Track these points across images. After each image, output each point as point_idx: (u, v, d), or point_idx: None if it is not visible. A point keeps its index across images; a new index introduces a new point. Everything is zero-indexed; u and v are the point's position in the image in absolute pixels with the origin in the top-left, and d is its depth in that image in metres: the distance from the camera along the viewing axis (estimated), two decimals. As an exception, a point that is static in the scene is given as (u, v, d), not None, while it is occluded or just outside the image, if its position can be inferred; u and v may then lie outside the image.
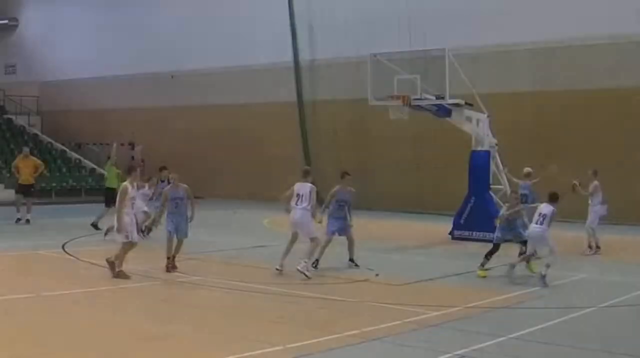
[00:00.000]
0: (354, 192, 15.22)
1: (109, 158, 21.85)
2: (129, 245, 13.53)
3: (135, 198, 14.37)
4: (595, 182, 18.05)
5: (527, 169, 18.25)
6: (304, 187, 13.94)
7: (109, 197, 20.22)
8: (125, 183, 13.65)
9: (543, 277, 13.18)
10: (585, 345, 9.41)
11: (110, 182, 20.66)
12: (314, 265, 14.27)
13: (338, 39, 31.18)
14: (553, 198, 13.84)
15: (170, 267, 14.13)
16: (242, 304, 11.58)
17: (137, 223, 15.15)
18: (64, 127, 40.25)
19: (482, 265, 14.23)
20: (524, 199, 17.58)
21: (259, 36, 32.99)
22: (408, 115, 20.79)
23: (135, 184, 14.20)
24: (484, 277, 14.00)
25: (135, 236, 13.70)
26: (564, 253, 14.72)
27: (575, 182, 17.87)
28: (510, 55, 27.03)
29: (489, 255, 14.22)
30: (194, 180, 39.59)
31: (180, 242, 14.32)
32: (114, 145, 21.68)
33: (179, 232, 14.39)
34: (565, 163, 25.51)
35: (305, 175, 14.26)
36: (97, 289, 12.60)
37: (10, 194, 25.02)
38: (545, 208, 13.80)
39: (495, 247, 14.33)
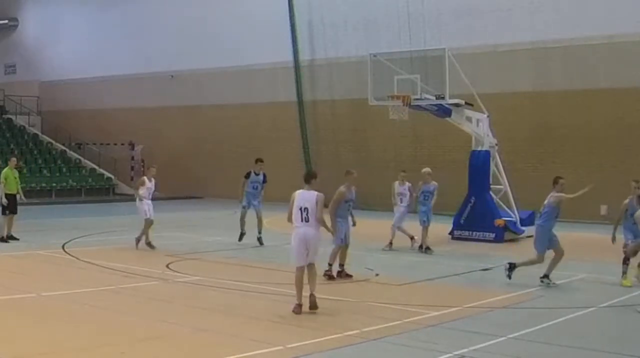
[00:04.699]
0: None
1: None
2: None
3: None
4: (408, 184, 18.17)
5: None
6: None
7: (9, 204, 18.70)
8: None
9: None
10: (585, 345, 9.40)
11: (11, 188, 18.84)
12: None
13: (338, 39, 31.20)
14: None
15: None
16: (241, 304, 11.58)
17: None
18: (64, 127, 40.26)
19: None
20: None
21: (259, 36, 32.99)
22: (408, 115, 20.79)
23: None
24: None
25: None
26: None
27: None
28: (510, 55, 27.03)
29: None
30: (194, 180, 39.90)
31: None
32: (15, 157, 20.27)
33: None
34: (565, 163, 25.62)
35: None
36: (97, 289, 12.60)
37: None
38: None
39: None
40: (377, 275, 14.19)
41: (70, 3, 41.86)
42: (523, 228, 20.60)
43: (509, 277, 13.43)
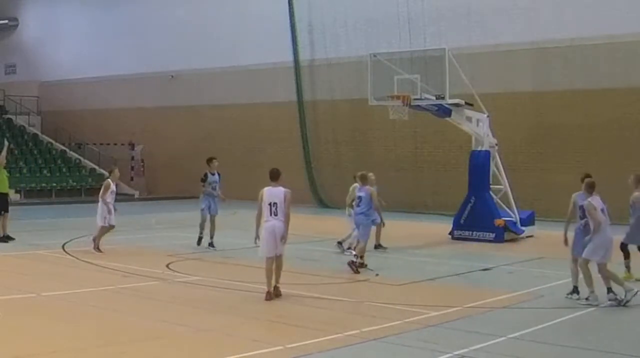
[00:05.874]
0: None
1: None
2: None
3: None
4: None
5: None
6: None
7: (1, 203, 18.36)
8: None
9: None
10: (585, 345, 9.40)
11: (2, 187, 18.43)
12: None
13: (338, 39, 31.19)
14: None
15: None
16: (241, 304, 11.58)
17: None
18: (64, 127, 40.24)
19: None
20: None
21: (259, 36, 32.98)
22: (408, 115, 20.79)
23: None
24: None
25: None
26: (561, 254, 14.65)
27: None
28: (510, 55, 27.02)
29: None
30: (194, 180, 39.80)
31: None
32: (5, 145, 19.31)
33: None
34: (565, 163, 25.62)
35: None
36: (97, 289, 12.61)
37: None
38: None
39: None
40: (377, 275, 14.19)
41: (70, 3, 41.84)
42: (523, 228, 20.61)
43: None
